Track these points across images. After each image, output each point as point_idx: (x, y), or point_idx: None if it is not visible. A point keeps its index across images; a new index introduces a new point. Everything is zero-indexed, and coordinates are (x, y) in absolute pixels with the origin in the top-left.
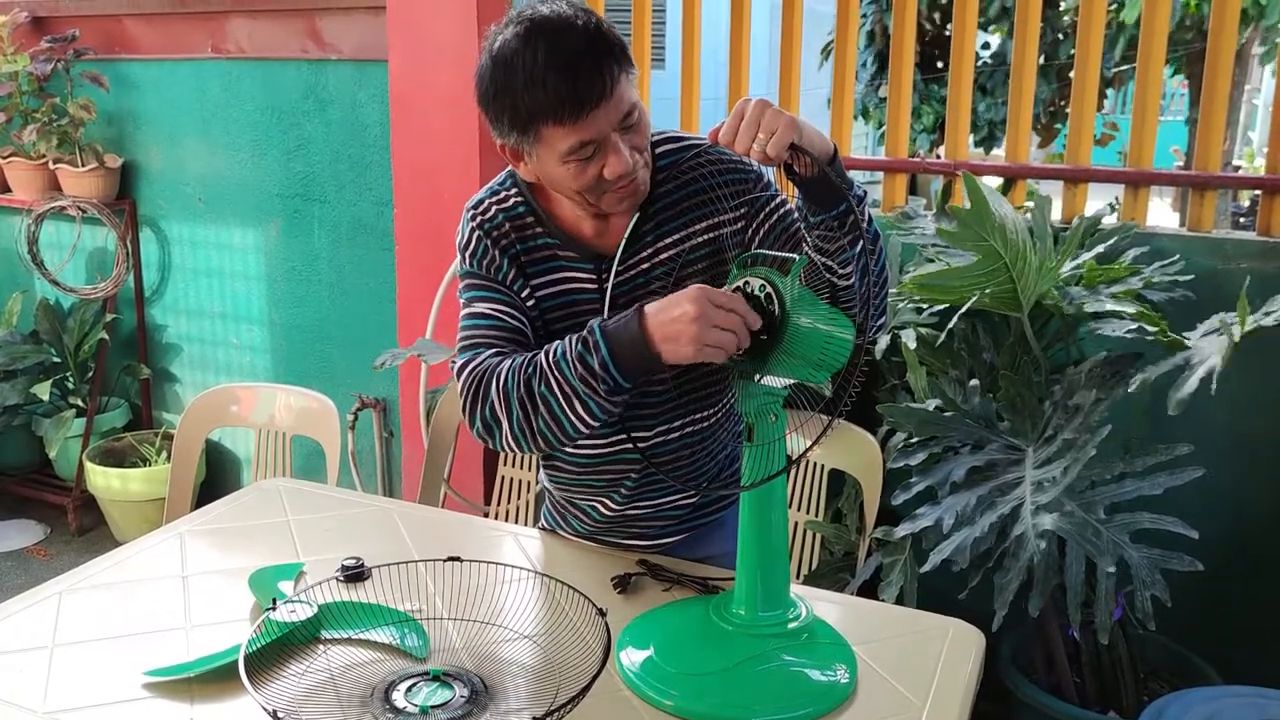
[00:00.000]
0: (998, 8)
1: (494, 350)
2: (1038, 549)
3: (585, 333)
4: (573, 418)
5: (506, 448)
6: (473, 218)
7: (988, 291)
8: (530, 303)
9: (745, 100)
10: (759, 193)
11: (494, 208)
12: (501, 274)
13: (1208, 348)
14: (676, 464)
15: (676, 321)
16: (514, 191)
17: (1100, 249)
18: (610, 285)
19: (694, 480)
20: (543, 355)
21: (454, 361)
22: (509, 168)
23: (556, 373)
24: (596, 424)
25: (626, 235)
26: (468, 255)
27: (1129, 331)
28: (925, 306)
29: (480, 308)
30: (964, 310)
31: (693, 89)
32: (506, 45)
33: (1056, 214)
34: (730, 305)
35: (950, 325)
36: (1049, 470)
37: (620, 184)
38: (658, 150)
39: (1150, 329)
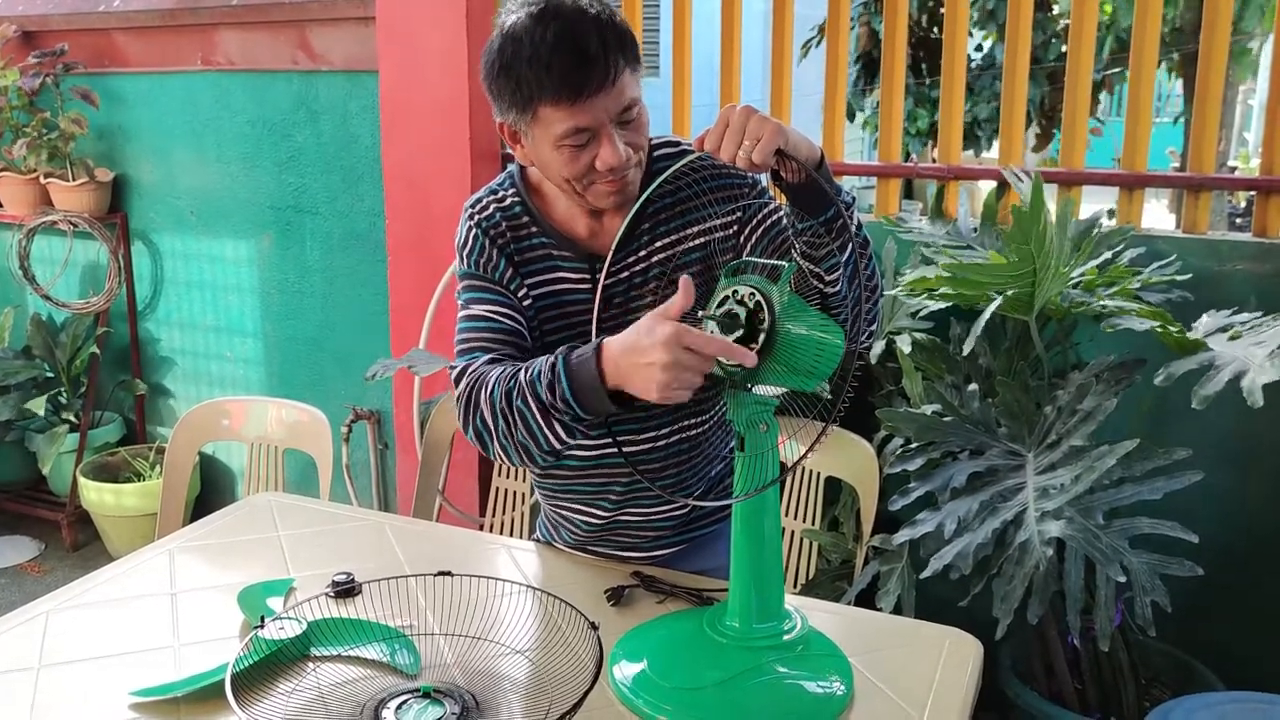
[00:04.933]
0: (982, 9)
1: (489, 356)
2: (1043, 556)
3: (553, 359)
4: (548, 434)
5: (497, 458)
6: (471, 216)
7: (1009, 293)
8: (526, 301)
9: (730, 107)
10: (753, 199)
11: (492, 205)
12: (498, 273)
13: (1232, 351)
14: (664, 473)
15: (647, 368)
16: (511, 192)
17: (1096, 252)
18: (602, 284)
19: (684, 490)
20: (522, 372)
21: (453, 365)
22: (508, 170)
23: (530, 391)
24: (572, 441)
25: (620, 234)
26: (464, 254)
27: (1155, 328)
28: (920, 309)
29: (477, 309)
30: (986, 316)
31: (684, 96)
32: (518, 23)
33: (1050, 219)
34: (707, 350)
35: (955, 325)
36: (1054, 477)
37: (609, 177)
38: (656, 153)
39: (1171, 327)
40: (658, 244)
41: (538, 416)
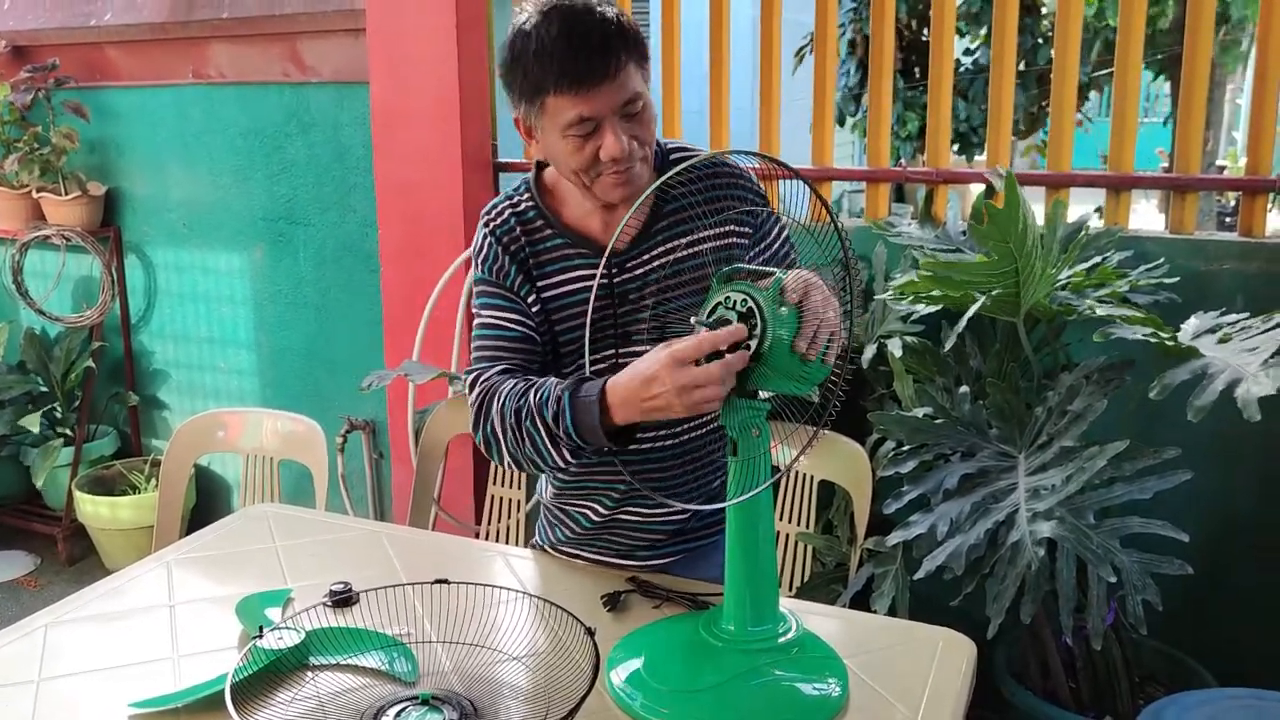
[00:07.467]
0: (969, 11)
1: (502, 366)
2: (1035, 556)
3: (560, 391)
4: (555, 455)
5: (505, 466)
6: (486, 223)
7: (994, 294)
8: (536, 308)
9: (817, 298)
10: (762, 206)
11: (507, 211)
12: (509, 280)
13: (1224, 357)
14: (668, 474)
15: (661, 399)
16: (526, 196)
17: (1084, 254)
18: (614, 280)
19: (685, 493)
20: (532, 394)
21: (468, 371)
22: (524, 176)
23: (539, 415)
24: (577, 461)
25: (620, 228)
26: (479, 261)
27: (1148, 335)
28: (911, 313)
29: (489, 316)
30: (968, 316)
31: (674, 101)
32: (528, 20)
33: (1039, 219)
34: (700, 351)
35: (946, 328)
36: (1045, 477)
37: (614, 169)
38: (672, 156)
39: (1163, 334)
40: (674, 242)
41: (545, 439)
